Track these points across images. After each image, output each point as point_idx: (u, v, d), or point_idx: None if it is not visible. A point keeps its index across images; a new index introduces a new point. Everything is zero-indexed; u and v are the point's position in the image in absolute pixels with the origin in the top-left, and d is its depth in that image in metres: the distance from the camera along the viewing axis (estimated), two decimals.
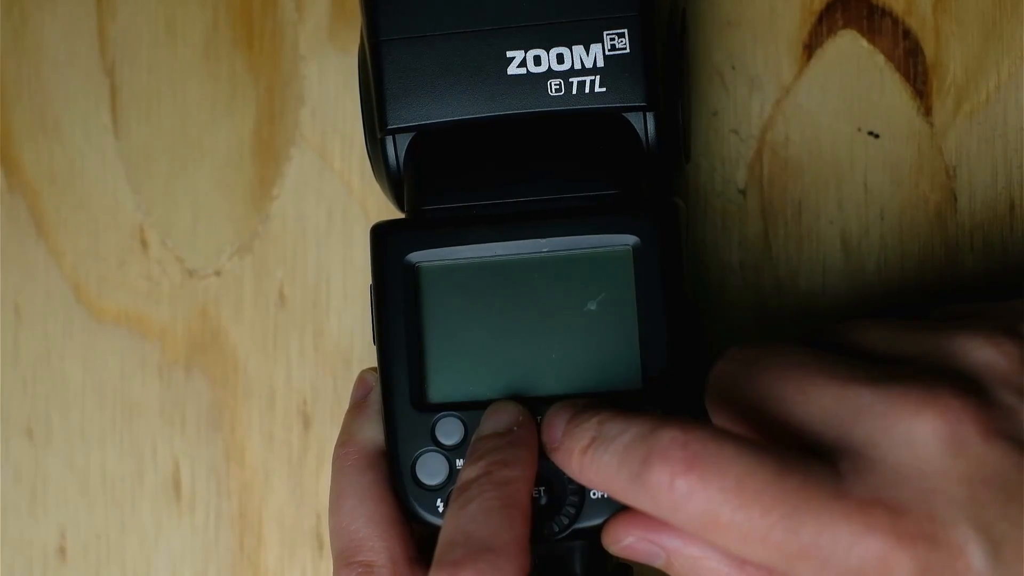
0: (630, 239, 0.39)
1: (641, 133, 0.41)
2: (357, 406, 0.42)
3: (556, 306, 0.40)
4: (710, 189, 0.46)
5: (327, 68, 0.49)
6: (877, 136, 0.45)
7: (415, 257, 0.40)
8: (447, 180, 0.41)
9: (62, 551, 0.50)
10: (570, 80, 0.40)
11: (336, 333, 0.48)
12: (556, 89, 0.40)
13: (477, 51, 0.41)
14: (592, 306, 0.40)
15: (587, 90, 0.40)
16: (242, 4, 0.49)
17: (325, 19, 0.49)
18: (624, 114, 0.40)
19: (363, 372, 0.43)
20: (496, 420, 0.39)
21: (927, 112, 0.45)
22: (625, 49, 0.40)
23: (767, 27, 0.46)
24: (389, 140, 0.41)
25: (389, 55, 0.41)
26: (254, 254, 0.49)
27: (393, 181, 0.42)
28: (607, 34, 0.40)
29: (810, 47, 0.45)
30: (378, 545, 0.40)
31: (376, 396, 0.42)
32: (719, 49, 0.46)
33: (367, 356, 0.48)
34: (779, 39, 0.46)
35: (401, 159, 0.42)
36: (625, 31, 0.40)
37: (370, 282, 0.41)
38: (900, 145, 0.45)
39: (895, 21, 0.45)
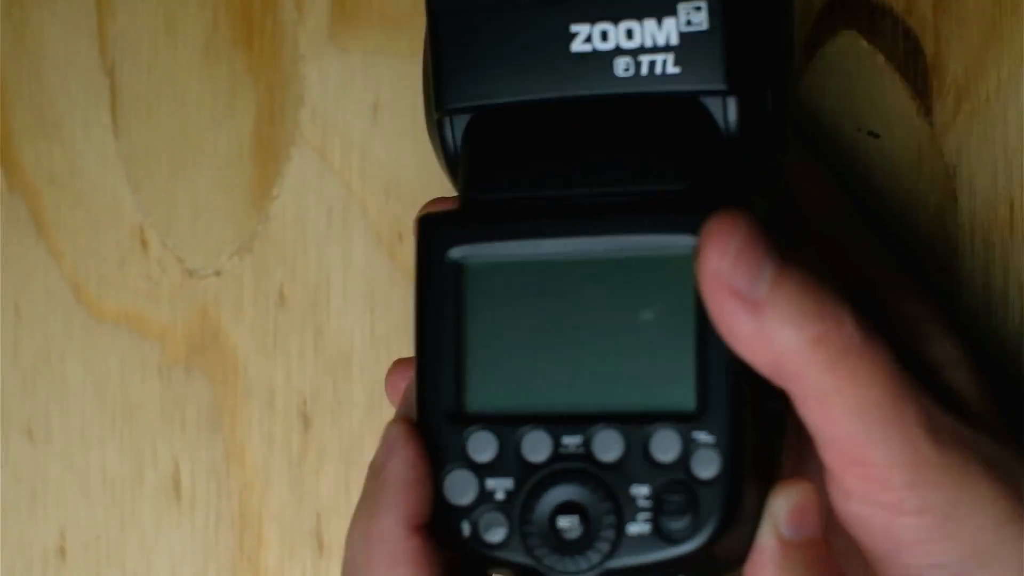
0: (693, 241, 0.34)
1: (720, 121, 0.36)
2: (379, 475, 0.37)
3: (607, 313, 0.35)
4: None
5: (327, 68, 0.49)
6: (877, 136, 0.45)
7: (459, 252, 0.36)
8: (500, 167, 0.37)
9: (62, 551, 0.50)
10: (640, 59, 0.36)
11: (336, 333, 0.48)
12: (624, 69, 0.36)
13: (539, 24, 0.36)
14: (647, 315, 0.35)
15: (659, 71, 0.35)
16: (242, 4, 0.49)
17: (325, 19, 0.49)
18: (701, 99, 0.36)
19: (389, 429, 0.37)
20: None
21: (927, 112, 0.45)
22: (702, 25, 0.35)
23: None
24: (447, 121, 0.37)
25: (447, 28, 0.37)
26: (254, 254, 0.49)
27: (452, 165, 0.38)
28: (682, 7, 0.35)
29: (810, 47, 0.45)
30: None
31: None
32: None
33: (367, 356, 0.48)
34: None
35: (459, 142, 0.37)
36: (704, 4, 0.35)
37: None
38: (900, 145, 0.45)
39: (895, 21, 0.45)
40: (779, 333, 0.33)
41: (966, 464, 0.34)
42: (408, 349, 0.48)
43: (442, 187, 0.48)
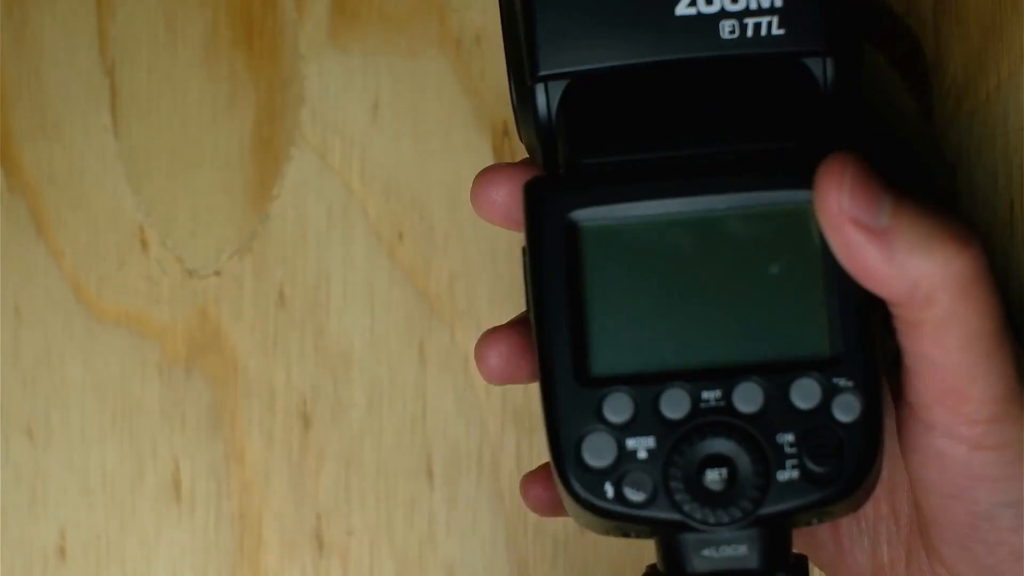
0: (809, 194, 0.35)
1: (820, 79, 0.36)
2: None
3: (733, 269, 0.36)
4: None
5: (327, 68, 0.48)
6: (877, 135, 0.45)
7: (577, 216, 0.36)
8: (609, 130, 0.37)
9: (62, 551, 0.49)
10: (745, 21, 0.36)
11: (336, 333, 0.48)
12: (730, 31, 0.36)
13: None
14: (773, 268, 0.36)
15: (763, 33, 0.36)
16: (242, 4, 0.49)
17: (325, 19, 0.49)
18: (803, 59, 0.36)
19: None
20: None
21: (927, 112, 0.45)
22: None
23: None
24: (540, 88, 0.37)
25: None
26: (254, 254, 0.49)
27: (544, 134, 0.38)
28: None
29: None
30: None
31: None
32: None
33: (367, 356, 0.48)
34: None
35: (554, 109, 0.37)
36: None
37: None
38: (900, 145, 0.45)
39: (895, 21, 0.45)
40: (910, 259, 0.33)
41: None
42: (408, 349, 0.48)
43: (442, 187, 0.48)
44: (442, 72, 0.48)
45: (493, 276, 0.48)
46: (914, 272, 0.33)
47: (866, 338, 0.35)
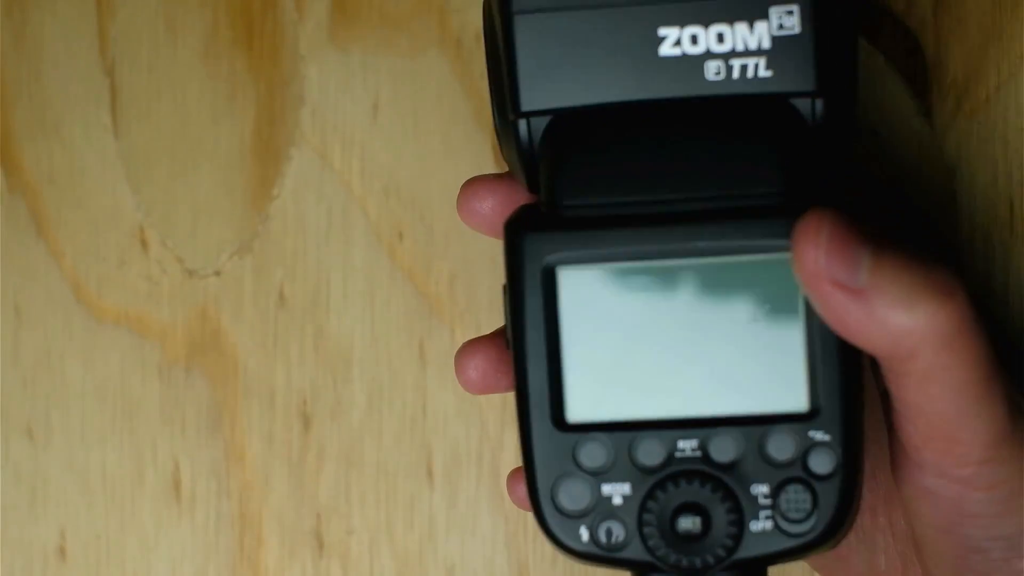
0: (789, 243, 0.34)
1: (809, 119, 0.36)
2: None
3: (711, 318, 0.36)
4: None
5: (327, 68, 0.48)
6: (877, 136, 0.45)
7: (556, 259, 0.36)
8: (591, 172, 0.36)
9: (62, 551, 0.49)
10: (731, 63, 0.35)
11: (336, 333, 0.48)
12: (716, 72, 0.36)
13: (624, 27, 0.36)
14: (752, 319, 0.36)
15: (750, 74, 0.35)
16: (242, 4, 0.49)
17: (325, 19, 0.49)
18: (791, 99, 0.36)
19: None
20: None
21: (927, 112, 0.45)
22: (794, 29, 0.35)
23: None
24: (523, 123, 0.37)
25: (524, 29, 0.36)
26: (254, 254, 0.49)
27: (527, 166, 0.37)
28: (774, 10, 0.35)
29: None
30: None
31: None
32: None
33: (367, 356, 0.48)
34: None
35: (537, 142, 0.37)
36: (795, 7, 0.35)
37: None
38: (900, 145, 0.45)
39: (895, 21, 0.45)
40: (891, 316, 0.33)
41: None
42: (408, 349, 0.48)
43: (442, 187, 0.48)
44: (442, 72, 0.48)
45: (493, 276, 0.48)
46: (895, 329, 0.33)
47: (846, 391, 0.35)
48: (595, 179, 0.36)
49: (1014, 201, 0.44)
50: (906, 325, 0.33)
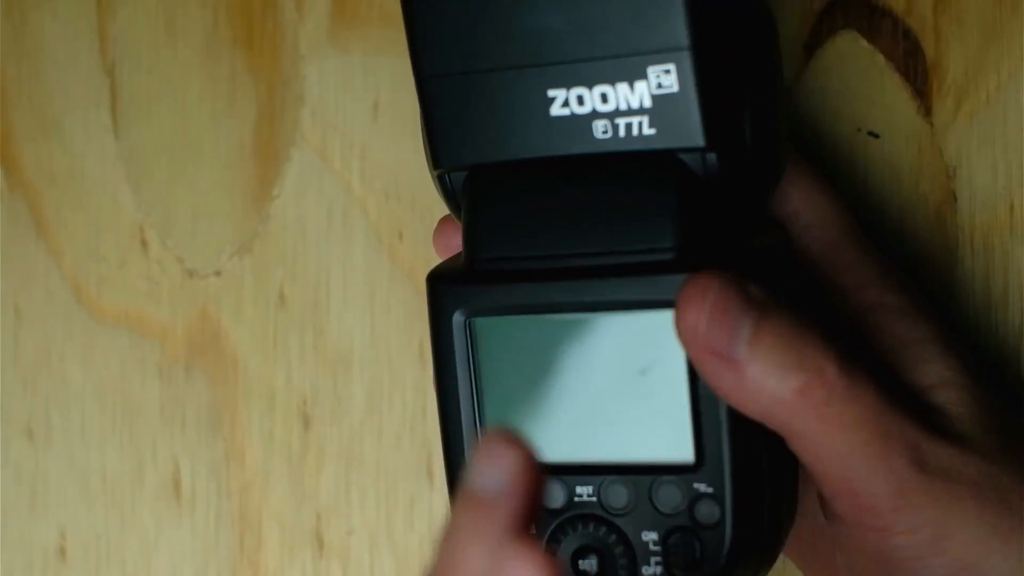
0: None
1: (700, 173, 0.36)
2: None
3: (608, 368, 0.37)
4: None
5: (327, 68, 0.49)
6: (877, 136, 0.45)
7: (467, 311, 0.38)
8: (496, 227, 0.38)
9: (62, 551, 0.50)
10: (616, 121, 0.36)
11: (336, 333, 0.48)
12: (603, 131, 0.36)
13: (520, 89, 0.37)
14: (642, 372, 0.37)
15: (635, 132, 0.36)
16: (242, 4, 0.49)
17: (325, 19, 0.49)
18: (680, 155, 0.36)
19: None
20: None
21: (927, 112, 0.45)
22: (672, 87, 0.35)
23: None
24: (446, 176, 0.39)
25: (435, 92, 0.38)
26: (254, 254, 0.49)
27: (456, 212, 0.40)
28: (652, 70, 0.35)
29: (810, 47, 0.45)
30: None
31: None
32: None
33: (367, 356, 0.48)
34: (779, 39, 0.46)
35: (459, 193, 0.39)
36: (672, 67, 0.35)
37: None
38: (900, 145, 0.45)
39: (895, 21, 0.45)
40: (763, 385, 0.34)
41: (949, 485, 0.35)
42: (408, 349, 0.48)
43: None
44: None
45: None
46: (767, 399, 0.34)
47: (733, 443, 0.36)
48: (501, 234, 0.38)
49: (1014, 201, 0.44)
50: (777, 396, 0.34)
